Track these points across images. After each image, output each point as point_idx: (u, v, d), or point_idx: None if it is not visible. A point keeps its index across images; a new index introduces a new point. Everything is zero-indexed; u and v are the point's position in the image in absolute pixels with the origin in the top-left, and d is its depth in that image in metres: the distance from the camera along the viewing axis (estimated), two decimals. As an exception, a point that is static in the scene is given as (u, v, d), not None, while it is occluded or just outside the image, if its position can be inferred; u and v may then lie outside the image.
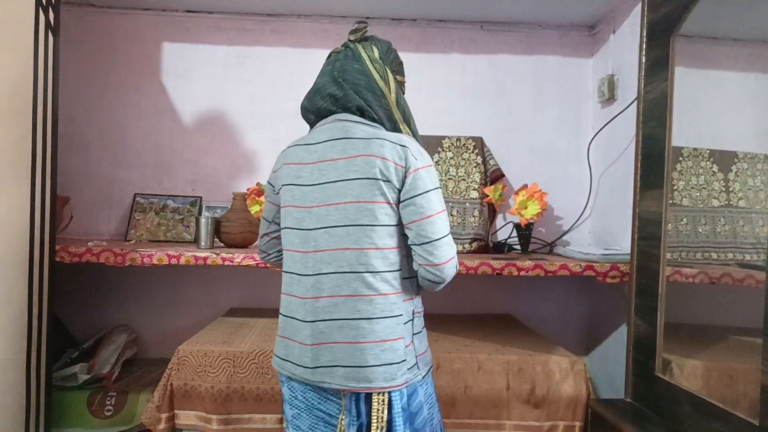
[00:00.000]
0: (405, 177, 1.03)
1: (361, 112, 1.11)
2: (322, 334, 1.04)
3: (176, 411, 1.59)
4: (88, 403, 1.81)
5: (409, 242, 1.06)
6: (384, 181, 1.03)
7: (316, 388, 1.08)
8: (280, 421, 1.58)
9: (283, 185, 1.16)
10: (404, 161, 1.03)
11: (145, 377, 1.99)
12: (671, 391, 1.38)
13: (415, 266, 1.07)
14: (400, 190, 1.04)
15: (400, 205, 1.05)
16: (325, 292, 1.04)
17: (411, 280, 1.10)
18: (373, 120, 1.11)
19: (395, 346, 1.03)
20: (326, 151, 1.09)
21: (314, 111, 1.17)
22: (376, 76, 1.13)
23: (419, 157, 1.06)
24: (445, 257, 1.04)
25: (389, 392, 1.02)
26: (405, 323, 1.06)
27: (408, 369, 1.05)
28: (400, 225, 1.06)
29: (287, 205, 1.14)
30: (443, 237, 1.05)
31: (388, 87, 1.13)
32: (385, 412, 1.02)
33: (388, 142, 1.04)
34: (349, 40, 1.18)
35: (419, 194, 1.03)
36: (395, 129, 1.13)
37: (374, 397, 1.02)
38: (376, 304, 1.02)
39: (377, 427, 1.02)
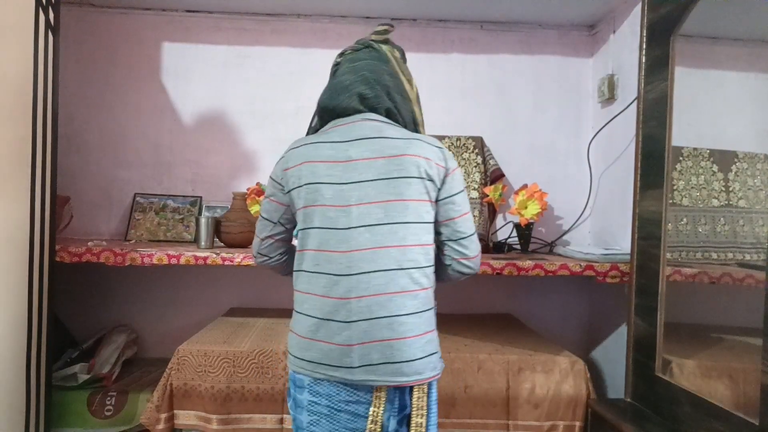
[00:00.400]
0: (445, 177, 1.11)
1: (388, 114, 1.14)
2: (367, 333, 1.03)
3: (176, 411, 1.59)
4: (88, 402, 1.81)
5: (443, 238, 1.14)
6: (428, 180, 1.08)
7: (352, 387, 1.06)
8: (281, 421, 1.58)
9: (305, 184, 1.10)
10: (444, 162, 1.12)
11: (145, 377, 1.99)
12: (671, 391, 1.38)
13: (447, 260, 1.15)
14: (439, 189, 1.11)
15: (439, 203, 1.12)
16: (370, 291, 1.04)
17: (434, 273, 1.15)
18: (397, 122, 1.15)
19: (433, 337, 1.10)
20: (360, 149, 1.08)
21: (337, 109, 1.15)
22: (403, 79, 1.18)
23: (452, 159, 1.15)
24: (477, 250, 1.16)
25: (429, 381, 1.07)
26: (435, 314, 1.13)
27: (439, 357, 1.11)
28: (434, 222, 1.12)
29: (314, 204, 1.09)
30: (474, 233, 1.16)
31: (412, 90, 1.19)
32: (425, 400, 1.07)
33: (426, 143, 1.11)
34: (373, 40, 1.19)
35: (457, 193, 1.13)
36: (416, 131, 1.18)
37: (416, 387, 1.06)
38: (419, 299, 1.06)
39: (419, 415, 1.06)
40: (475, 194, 2.17)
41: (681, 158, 1.51)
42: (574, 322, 2.30)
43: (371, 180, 1.06)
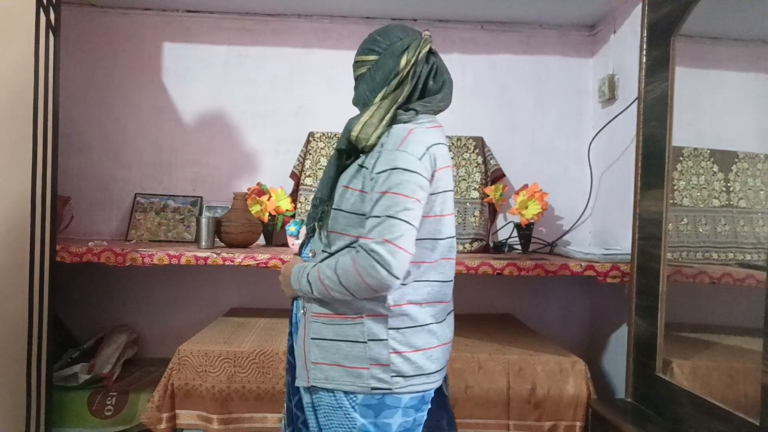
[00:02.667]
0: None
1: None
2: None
3: (177, 411, 1.59)
4: (89, 402, 1.82)
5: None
6: None
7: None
8: (281, 420, 1.58)
9: (445, 191, 1.04)
10: None
11: (146, 377, 1.99)
12: (672, 391, 1.38)
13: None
14: None
15: None
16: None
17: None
18: None
19: None
20: None
21: (443, 107, 1.16)
22: None
23: None
24: None
25: None
26: None
27: None
28: None
29: (446, 213, 1.05)
30: None
31: None
32: None
33: None
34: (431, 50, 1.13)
35: None
36: None
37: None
38: None
39: None
40: (475, 194, 2.17)
41: (681, 158, 1.51)
42: (574, 322, 2.30)
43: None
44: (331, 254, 1.02)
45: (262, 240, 2.12)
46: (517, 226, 2.11)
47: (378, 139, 1.00)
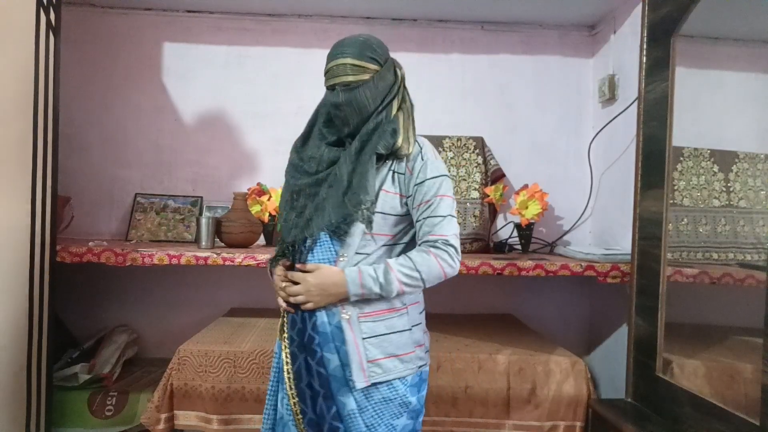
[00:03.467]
0: None
1: None
2: None
3: (176, 411, 1.59)
4: (89, 403, 1.82)
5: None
6: None
7: None
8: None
9: None
10: None
11: (146, 377, 1.99)
12: (672, 391, 1.38)
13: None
14: None
15: None
16: None
17: None
18: None
19: None
20: None
21: None
22: None
23: None
24: None
25: None
26: None
27: None
28: None
29: None
30: None
31: None
32: None
33: None
34: None
35: None
36: None
37: None
38: None
39: None
40: (475, 194, 2.17)
41: (682, 158, 1.51)
42: (574, 322, 2.30)
43: None
44: (367, 255, 1.08)
45: (262, 240, 2.12)
46: (517, 226, 2.11)
47: (412, 148, 1.10)
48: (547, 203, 2.07)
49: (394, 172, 1.09)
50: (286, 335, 1.14)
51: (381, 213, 1.07)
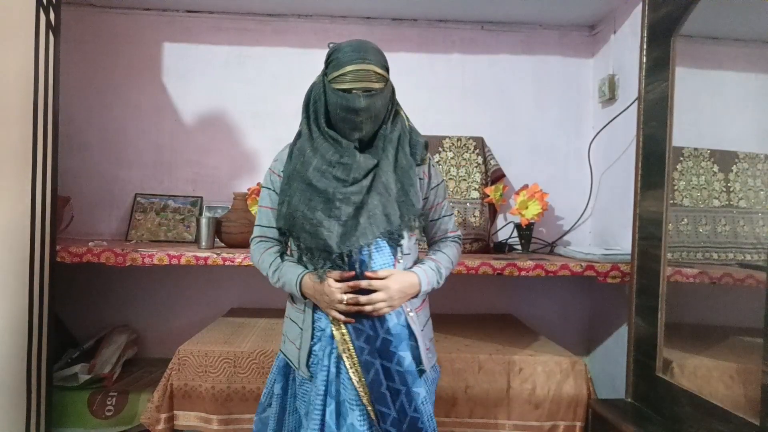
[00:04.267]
0: None
1: None
2: None
3: (176, 411, 1.59)
4: (89, 403, 1.82)
5: None
6: None
7: None
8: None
9: None
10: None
11: (146, 377, 1.99)
12: (672, 391, 1.38)
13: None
14: None
15: None
16: None
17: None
18: None
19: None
20: None
21: None
22: None
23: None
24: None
25: None
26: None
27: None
28: None
29: None
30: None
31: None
32: None
33: None
34: None
35: None
36: None
37: None
38: None
39: None
40: (475, 194, 2.17)
41: (682, 158, 1.51)
42: (574, 323, 2.30)
43: None
44: (410, 253, 1.18)
45: (262, 240, 2.12)
46: (518, 226, 2.11)
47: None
48: (547, 203, 2.07)
49: (418, 177, 1.18)
50: (349, 347, 1.11)
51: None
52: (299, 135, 1.18)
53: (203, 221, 1.87)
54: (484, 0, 2.06)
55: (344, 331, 1.11)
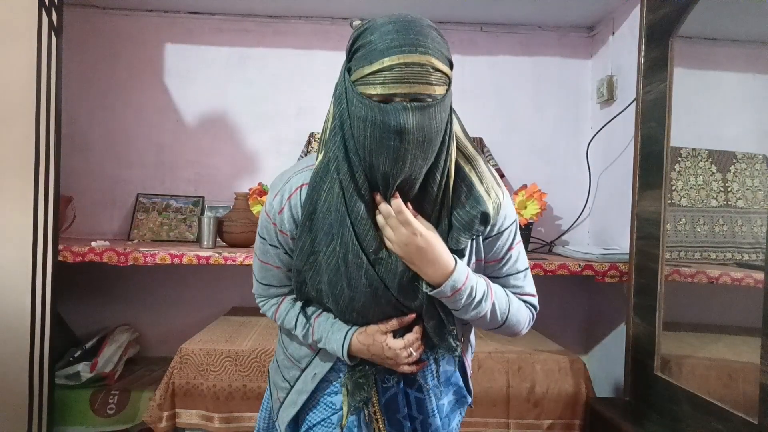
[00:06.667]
0: None
1: None
2: None
3: (178, 409, 1.60)
4: (91, 401, 1.82)
5: None
6: None
7: None
8: None
9: None
10: None
11: (148, 376, 2.00)
12: (670, 390, 1.38)
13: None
14: None
15: None
16: None
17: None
18: None
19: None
20: None
21: None
22: None
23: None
24: None
25: None
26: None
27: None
28: None
29: None
30: None
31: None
32: None
33: None
34: None
35: None
36: None
37: None
38: None
39: None
40: (475, 194, 2.18)
41: (680, 159, 1.52)
42: (573, 322, 2.31)
43: None
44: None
45: (263, 240, 2.13)
46: (517, 226, 2.12)
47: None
48: (546, 203, 2.08)
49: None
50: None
51: None
52: (320, 181, 0.79)
53: (205, 221, 1.88)
54: (483, 1, 2.07)
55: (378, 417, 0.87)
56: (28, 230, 1.57)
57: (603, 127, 2.14)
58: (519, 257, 0.88)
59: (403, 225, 0.74)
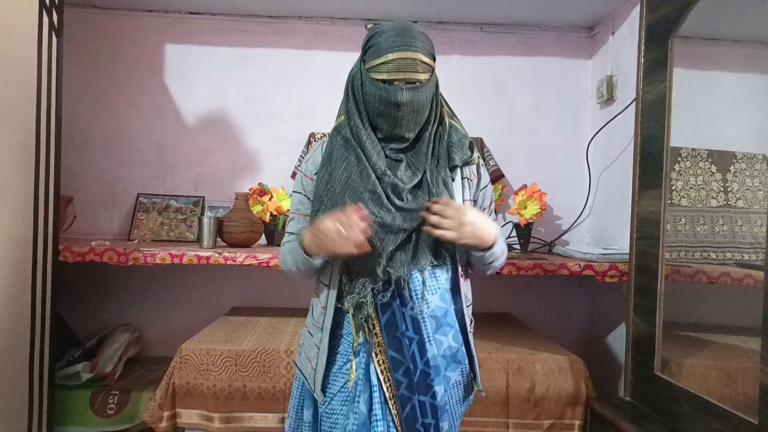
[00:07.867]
0: None
1: None
2: None
3: (178, 409, 1.60)
4: (91, 401, 1.82)
5: None
6: None
7: None
8: (282, 420, 1.59)
9: None
10: None
11: (148, 376, 2.00)
12: (670, 390, 1.38)
13: None
14: None
15: None
16: None
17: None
18: None
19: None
20: None
21: None
22: None
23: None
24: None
25: None
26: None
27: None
28: None
29: None
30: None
31: None
32: None
33: None
34: None
35: None
36: None
37: None
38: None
39: None
40: (475, 194, 2.18)
41: (679, 159, 1.52)
42: (573, 322, 2.31)
43: None
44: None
45: (263, 240, 2.13)
46: (516, 226, 2.12)
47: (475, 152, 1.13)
48: (546, 203, 2.08)
49: (465, 179, 1.10)
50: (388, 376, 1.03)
51: None
52: (338, 131, 1.06)
53: (205, 221, 1.88)
54: (483, 1, 2.08)
55: (382, 358, 1.02)
56: (29, 230, 1.58)
57: (603, 127, 2.14)
58: (491, 214, 1.19)
59: (452, 209, 0.98)
